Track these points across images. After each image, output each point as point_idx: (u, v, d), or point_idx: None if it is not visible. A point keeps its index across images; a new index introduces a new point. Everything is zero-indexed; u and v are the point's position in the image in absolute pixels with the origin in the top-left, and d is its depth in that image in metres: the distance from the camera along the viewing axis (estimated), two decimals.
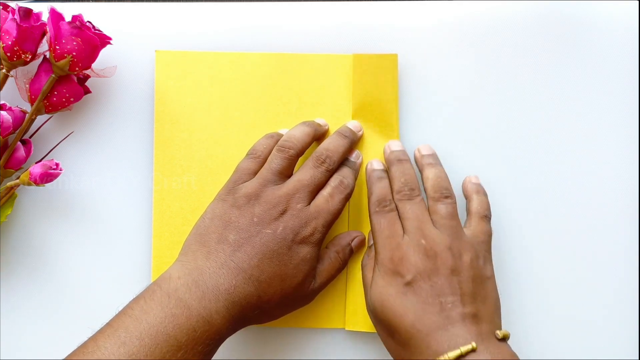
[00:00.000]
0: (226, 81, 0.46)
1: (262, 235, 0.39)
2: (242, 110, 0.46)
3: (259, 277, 0.38)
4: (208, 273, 0.38)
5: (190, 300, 0.36)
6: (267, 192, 0.40)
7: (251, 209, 0.40)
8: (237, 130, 0.46)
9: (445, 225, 0.41)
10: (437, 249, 0.39)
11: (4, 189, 0.44)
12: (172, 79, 0.46)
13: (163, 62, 0.46)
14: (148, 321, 0.35)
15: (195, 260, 0.39)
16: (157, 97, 0.46)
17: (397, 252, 0.40)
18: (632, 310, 0.46)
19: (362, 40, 0.47)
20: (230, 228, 0.40)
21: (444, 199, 0.42)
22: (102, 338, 0.35)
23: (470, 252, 0.40)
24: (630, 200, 0.46)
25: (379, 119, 0.46)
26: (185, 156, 0.46)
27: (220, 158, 0.46)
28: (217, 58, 0.46)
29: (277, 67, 0.46)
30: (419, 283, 0.39)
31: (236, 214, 0.40)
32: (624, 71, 0.46)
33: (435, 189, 0.42)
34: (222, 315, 0.37)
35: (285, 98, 0.46)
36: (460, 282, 0.39)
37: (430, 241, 0.40)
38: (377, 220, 0.42)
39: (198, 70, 0.46)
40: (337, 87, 0.46)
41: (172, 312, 0.35)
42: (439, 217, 0.41)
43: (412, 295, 0.38)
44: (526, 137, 0.46)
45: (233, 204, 0.40)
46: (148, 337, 0.34)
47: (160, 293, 0.36)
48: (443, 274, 0.39)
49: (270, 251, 0.39)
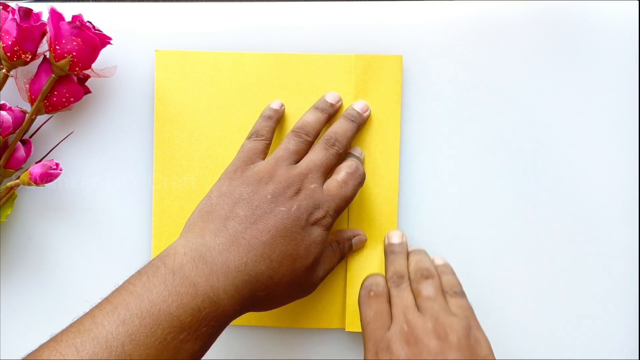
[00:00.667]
0: (226, 81, 0.46)
1: (276, 213, 0.38)
2: (242, 110, 0.46)
3: (271, 256, 0.37)
4: (217, 249, 0.36)
5: (197, 278, 0.34)
6: (281, 171, 0.40)
7: (264, 186, 0.39)
8: (237, 131, 0.46)
9: (427, 307, 0.39)
10: (418, 334, 0.38)
11: (4, 189, 0.44)
12: (172, 78, 0.46)
13: (163, 62, 0.46)
14: (150, 299, 0.33)
15: (203, 237, 0.37)
16: (157, 96, 0.46)
17: (382, 343, 0.38)
18: (632, 310, 0.46)
19: (363, 40, 0.47)
20: (241, 205, 0.38)
21: (424, 279, 0.41)
22: (101, 315, 0.33)
23: (457, 331, 0.38)
24: (630, 200, 0.46)
25: (380, 119, 0.46)
26: (185, 156, 0.46)
27: (220, 158, 0.46)
28: (217, 58, 0.46)
29: (278, 67, 0.46)
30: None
31: (248, 191, 0.39)
32: (624, 71, 0.46)
33: (415, 272, 0.42)
34: (231, 294, 0.35)
35: (286, 98, 0.46)
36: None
37: (412, 326, 0.38)
38: (364, 311, 0.41)
39: (198, 70, 0.46)
40: (339, 88, 0.46)
41: (176, 291, 0.33)
42: (422, 299, 0.40)
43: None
44: (527, 136, 0.46)
45: (243, 182, 0.39)
46: (149, 317, 0.32)
47: (164, 270, 0.34)
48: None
49: (284, 229, 0.38)
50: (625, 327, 0.46)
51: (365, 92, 0.46)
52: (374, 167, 0.46)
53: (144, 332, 0.32)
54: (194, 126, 0.46)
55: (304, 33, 0.47)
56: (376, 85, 0.46)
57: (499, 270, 0.46)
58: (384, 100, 0.46)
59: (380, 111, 0.46)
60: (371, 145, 0.46)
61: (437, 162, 0.46)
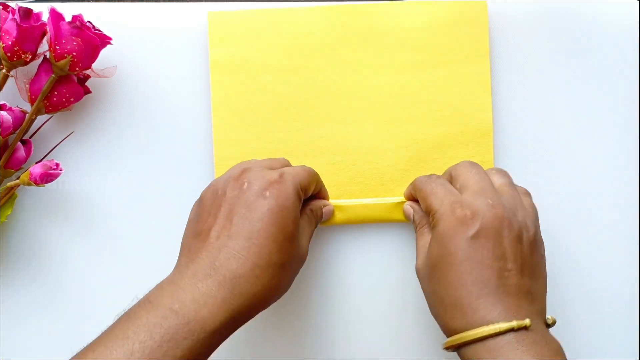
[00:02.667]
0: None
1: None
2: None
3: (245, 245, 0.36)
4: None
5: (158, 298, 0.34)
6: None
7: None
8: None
9: (509, 193, 0.39)
10: (503, 212, 0.36)
11: (4, 189, 0.44)
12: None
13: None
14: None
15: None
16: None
17: (460, 205, 0.37)
18: (632, 310, 0.46)
19: None
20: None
21: (497, 172, 0.40)
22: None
23: (533, 225, 0.38)
24: (630, 200, 0.46)
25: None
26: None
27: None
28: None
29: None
30: (482, 239, 0.36)
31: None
32: (624, 71, 0.46)
33: (485, 168, 0.41)
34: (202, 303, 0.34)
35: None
36: (523, 252, 0.36)
37: (497, 203, 0.37)
38: (429, 187, 0.40)
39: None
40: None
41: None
42: (499, 185, 0.39)
43: (473, 251, 0.36)
44: (526, 136, 0.46)
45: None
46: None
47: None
48: (508, 238, 0.36)
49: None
50: (625, 327, 0.46)
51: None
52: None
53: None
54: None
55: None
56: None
57: None
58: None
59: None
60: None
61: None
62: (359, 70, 0.46)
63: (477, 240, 0.36)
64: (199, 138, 0.46)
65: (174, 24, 0.47)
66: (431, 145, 0.46)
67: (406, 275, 0.46)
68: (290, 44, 0.45)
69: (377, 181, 0.46)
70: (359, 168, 0.46)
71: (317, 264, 0.47)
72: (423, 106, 0.46)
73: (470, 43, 0.45)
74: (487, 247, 0.36)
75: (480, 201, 0.37)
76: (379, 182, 0.46)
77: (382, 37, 0.45)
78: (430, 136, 0.46)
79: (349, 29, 0.45)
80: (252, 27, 0.45)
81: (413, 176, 0.45)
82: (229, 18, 0.45)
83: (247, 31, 0.45)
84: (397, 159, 0.46)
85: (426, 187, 0.40)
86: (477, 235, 0.36)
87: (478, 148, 0.45)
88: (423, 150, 0.46)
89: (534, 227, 0.38)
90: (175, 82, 0.47)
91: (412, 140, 0.46)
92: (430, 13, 0.45)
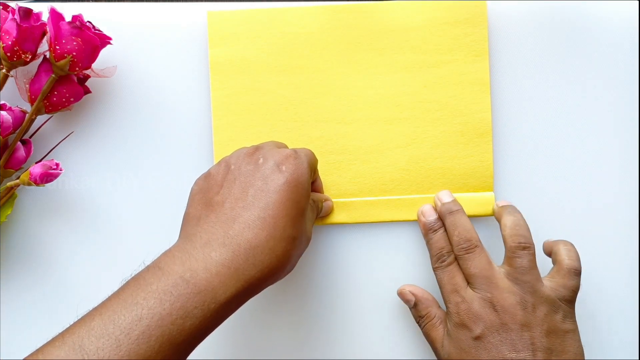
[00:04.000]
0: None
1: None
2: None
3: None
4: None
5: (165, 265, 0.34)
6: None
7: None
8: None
9: (519, 280, 0.39)
10: (505, 303, 0.39)
11: (4, 189, 0.44)
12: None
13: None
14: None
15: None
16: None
17: (463, 305, 0.40)
18: (632, 311, 0.46)
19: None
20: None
21: (522, 250, 0.40)
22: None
23: (545, 306, 0.39)
24: (630, 200, 0.46)
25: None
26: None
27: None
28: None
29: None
30: (487, 338, 0.38)
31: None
32: (624, 71, 0.46)
33: (512, 238, 0.41)
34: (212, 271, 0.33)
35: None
36: (533, 337, 0.38)
37: (498, 295, 0.39)
38: (439, 277, 0.42)
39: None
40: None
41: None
42: (514, 270, 0.40)
43: (482, 350, 0.38)
44: (526, 136, 0.46)
45: None
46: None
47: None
48: (513, 329, 0.38)
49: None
50: (625, 327, 0.46)
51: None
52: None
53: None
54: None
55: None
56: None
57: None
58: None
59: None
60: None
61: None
62: (358, 70, 0.46)
63: (482, 340, 0.38)
64: (198, 138, 0.46)
65: (174, 23, 0.47)
66: (431, 145, 0.46)
67: (407, 275, 0.46)
68: (290, 44, 0.46)
69: (377, 181, 0.46)
70: (358, 168, 0.46)
71: (318, 262, 0.47)
72: (423, 106, 0.46)
73: (469, 43, 0.45)
74: (493, 344, 0.38)
75: (479, 299, 0.39)
76: (379, 182, 0.46)
77: (381, 37, 0.45)
78: (430, 136, 0.46)
79: (348, 29, 0.45)
80: (252, 27, 0.45)
81: (413, 176, 0.45)
82: (228, 18, 0.45)
83: (246, 31, 0.45)
84: (397, 159, 0.46)
85: (437, 277, 0.42)
86: (480, 336, 0.39)
87: (477, 148, 0.45)
88: (423, 150, 0.46)
89: (547, 308, 0.39)
90: (175, 82, 0.47)
91: (411, 140, 0.46)
92: (429, 13, 0.45)
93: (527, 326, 0.38)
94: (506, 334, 0.38)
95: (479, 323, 0.39)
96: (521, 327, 0.38)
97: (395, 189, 0.46)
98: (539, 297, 0.39)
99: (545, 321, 0.38)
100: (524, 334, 0.38)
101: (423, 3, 0.45)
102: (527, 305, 0.39)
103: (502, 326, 0.38)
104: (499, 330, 0.38)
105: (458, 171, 0.45)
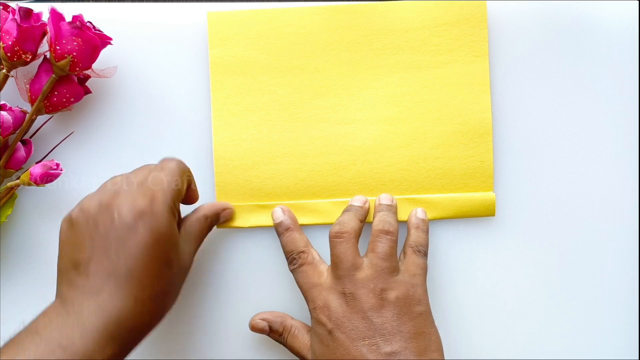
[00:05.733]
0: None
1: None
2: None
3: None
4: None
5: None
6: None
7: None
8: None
9: (376, 266, 0.40)
10: (356, 292, 0.39)
11: (4, 189, 0.44)
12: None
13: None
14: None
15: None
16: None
17: (319, 301, 0.40)
18: (632, 310, 0.46)
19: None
20: None
21: (384, 234, 0.41)
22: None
23: (396, 290, 0.39)
24: (630, 200, 0.46)
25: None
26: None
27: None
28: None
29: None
30: (339, 330, 0.39)
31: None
32: (624, 71, 0.46)
33: (378, 225, 0.42)
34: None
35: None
36: (384, 322, 0.38)
37: (349, 283, 0.39)
38: (295, 278, 0.42)
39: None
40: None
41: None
42: (373, 256, 0.40)
43: (334, 343, 0.38)
44: (526, 136, 0.46)
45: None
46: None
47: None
48: (362, 316, 0.38)
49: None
50: (625, 327, 0.46)
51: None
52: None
53: None
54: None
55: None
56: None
57: (498, 270, 0.46)
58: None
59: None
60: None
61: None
62: (358, 70, 0.46)
63: (334, 333, 0.39)
64: (198, 138, 0.47)
65: (174, 24, 0.47)
66: (431, 145, 0.46)
67: None
68: (290, 44, 0.46)
69: (377, 181, 0.46)
70: (358, 168, 0.46)
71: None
72: (423, 106, 0.46)
73: (469, 43, 0.45)
74: (345, 334, 0.38)
75: (334, 291, 0.40)
76: (378, 182, 0.46)
77: (381, 37, 0.45)
78: (430, 136, 0.46)
79: (348, 29, 0.45)
80: (252, 27, 0.45)
81: (413, 176, 0.45)
82: (228, 18, 0.45)
83: (246, 31, 0.45)
84: (397, 159, 0.46)
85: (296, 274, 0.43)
86: (332, 330, 0.39)
87: (478, 148, 0.45)
88: (423, 150, 0.46)
89: (398, 291, 0.39)
90: (175, 82, 0.47)
91: (411, 140, 0.46)
92: (429, 13, 0.45)
93: (376, 310, 0.38)
94: (356, 322, 0.38)
95: (332, 316, 0.39)
96: (370, 312, 0.38)
97: (395, 189, 0.46)
98: (390, 281, 0.39)
99: (396, 304, 0.39)
100: (373, 319, 0.38)
101: (423, 3, 0.45)
102: (376, 291, 0.39)
103: (352, 315, 0.38)
104: (350, 320, 0.38)
105: (458, 171, 0.45)
